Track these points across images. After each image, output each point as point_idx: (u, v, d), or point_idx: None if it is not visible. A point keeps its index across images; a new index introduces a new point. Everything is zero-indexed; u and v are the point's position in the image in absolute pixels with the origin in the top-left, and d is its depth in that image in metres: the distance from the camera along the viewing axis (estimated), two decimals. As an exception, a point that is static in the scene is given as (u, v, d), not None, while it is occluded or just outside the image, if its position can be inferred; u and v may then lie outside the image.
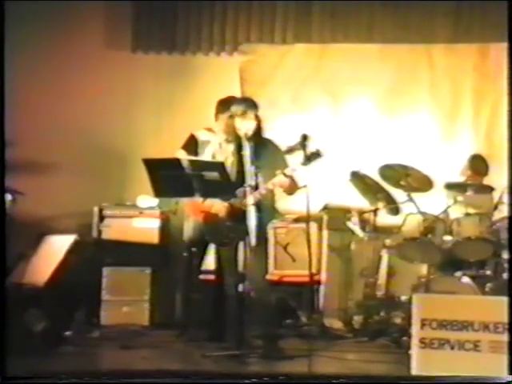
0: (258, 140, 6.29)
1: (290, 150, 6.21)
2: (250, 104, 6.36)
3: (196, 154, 6.72)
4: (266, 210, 6.28)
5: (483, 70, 8.24)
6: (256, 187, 6.13)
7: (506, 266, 6.80)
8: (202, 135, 6.94)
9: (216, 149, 6.58)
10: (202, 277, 6.95)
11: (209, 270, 6.87)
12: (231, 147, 6.42)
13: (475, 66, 8.27)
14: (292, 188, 6.20)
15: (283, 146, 6.33)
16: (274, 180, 6.12)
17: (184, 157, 6.37)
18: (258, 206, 6.16)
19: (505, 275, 6.77)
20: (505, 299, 5.74)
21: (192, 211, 6.68)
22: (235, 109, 6.32)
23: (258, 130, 6.35)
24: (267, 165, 6.18)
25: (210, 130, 6.93)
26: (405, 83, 8.34)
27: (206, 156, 6.62)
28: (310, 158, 5.98)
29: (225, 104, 6.78)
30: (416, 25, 8.19)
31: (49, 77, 8.18)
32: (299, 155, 6.02)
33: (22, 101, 7.57)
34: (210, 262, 6.85)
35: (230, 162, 6.33)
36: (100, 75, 8.25)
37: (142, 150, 7.67)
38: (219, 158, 6.40)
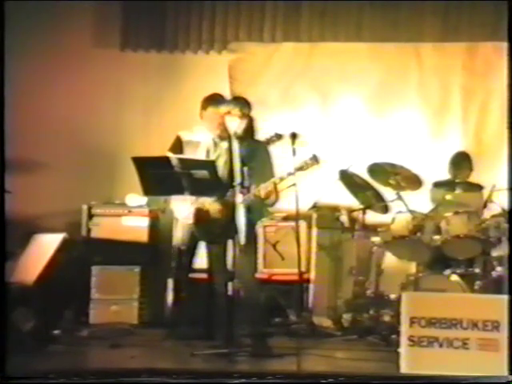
0: (249, 140, 6.27)
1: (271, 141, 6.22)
2: (241, 103, 6.33)
3: (181, 154, 6.71)
4: (256, 208, 6.26)
5: (472, 68, 8.26)
6: (243, 185, 6.11)
7: (494, 263, 6.83)
8: (185, 135, 6.95)
9: (210, 147, 6.54)
10: (192, 275, 6.94)
11: (201, 268, 6.86)
12: (225, 145, 6.39)
13: (464, 65, 8.28)
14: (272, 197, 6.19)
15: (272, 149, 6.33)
16: (259, 189, 6.11)
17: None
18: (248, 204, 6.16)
19: (494, 273, 6.80)
20: (493, 297, 5.77)
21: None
22: (227, 107, 6.28)
23: (250, 130, 6.33)
24: (256, 168, 6.17)
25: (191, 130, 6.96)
26: (393, 82, 8.34)
27: (199, 154, 6.58)
28: (308, 163, 5.97)
29: (208, 101, 6.79)
30: (405, 24, 8.19)
31: (37, 75, 8.13)
32: (295, 161, 6.00)
33: (9, 99, 7.53)
34: (201, 261, 6.85)
35: (222, 160, 6.31)
36: (88, 74, 8.21)
37: (130, 148, 7.66)
38: (212, 157, 6.39)
